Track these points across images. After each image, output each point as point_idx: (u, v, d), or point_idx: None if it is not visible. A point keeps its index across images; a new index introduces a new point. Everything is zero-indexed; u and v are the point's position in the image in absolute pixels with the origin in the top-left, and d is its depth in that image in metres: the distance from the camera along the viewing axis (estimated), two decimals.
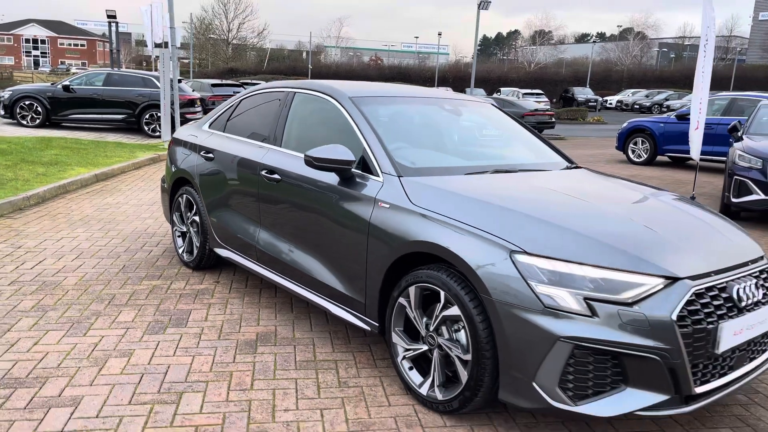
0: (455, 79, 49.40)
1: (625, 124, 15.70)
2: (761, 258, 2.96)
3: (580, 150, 18.43)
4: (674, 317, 2.42)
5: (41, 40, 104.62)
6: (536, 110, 23.81)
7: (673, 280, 2.51)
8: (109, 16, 20.18)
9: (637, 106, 44.36)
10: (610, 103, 48.80)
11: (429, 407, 2.93)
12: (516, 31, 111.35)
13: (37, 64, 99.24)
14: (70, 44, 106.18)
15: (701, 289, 2.53)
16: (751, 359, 2.83)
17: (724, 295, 2.61)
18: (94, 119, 15.69)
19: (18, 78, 52.83)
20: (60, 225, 6.18)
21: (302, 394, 3.03)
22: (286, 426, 2.74)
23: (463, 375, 2.74)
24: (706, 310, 2.52)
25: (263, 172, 3.93)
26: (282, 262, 3.84)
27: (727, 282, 2.64)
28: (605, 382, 2.48)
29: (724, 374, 2.67)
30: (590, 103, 44.05)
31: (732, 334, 2.58)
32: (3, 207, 6.60)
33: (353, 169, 3.35)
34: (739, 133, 8.76)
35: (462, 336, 2.75)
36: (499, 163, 3.68)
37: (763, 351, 2.92)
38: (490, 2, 24.40)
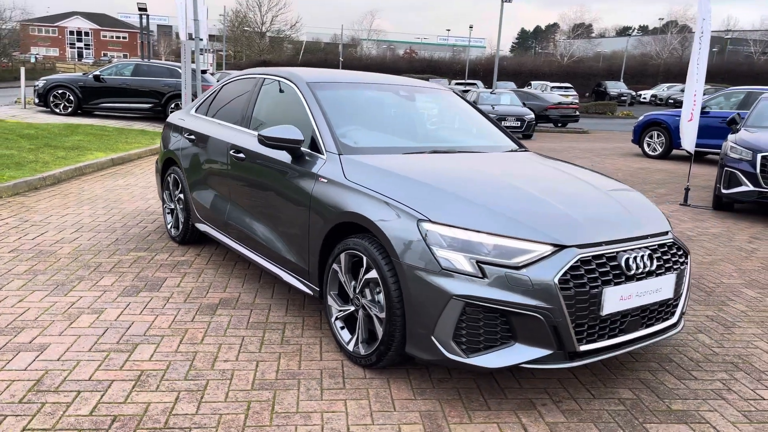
0: (486, 72, 49.24)
1: (641, 117, 15.67)
2: (665, 233, 3.18)
3: (598, 143, 18.41)
4: (556, 280, 2.68)
5: (85, 33, 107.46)
6: (559, 103, 23.74)
7: (560, 247, 2.77)
8: (140, 9, 20.86)
9: (671, 101, 43.53)
10: (644, 98, 48.04)
11: (354, 362, 3.24)
12: (555, 24, 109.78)
13: (80, 55, 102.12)
14: (112, 36, 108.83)
15: (588, 256, 2.78)
16: (648, 325, 3.06)
17: (613, 263, 2.84)
18: (123, 108, 16.37)
19: (61, 69, 54.57)
20: (68, 203, 6.65)
21: (245, 349, 3.37)
22: (222, 373, 3.09)
23: (380, 332, 3.04)
24: (590, 276, 2.76)
25: (231, 152, 4.28)
26: (246, 234, 4.19)
27: (617, 252, 2.87)
28: (496, 338, 2.76)
29: (614, 336, 2.91)
30: (622, 98, 43.45)
31: (618, 298, 2.82)
32: (19, 186, 7.12)
33: (302, 148, 3.67)
34: (738, 126, 8.79)
35: (379, 297, 3.05)
36: (440, 144, 3.96)
37: (664, 319, 3.14)
38: None
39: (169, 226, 5.46)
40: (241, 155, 4.17)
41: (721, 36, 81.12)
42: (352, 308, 3.26)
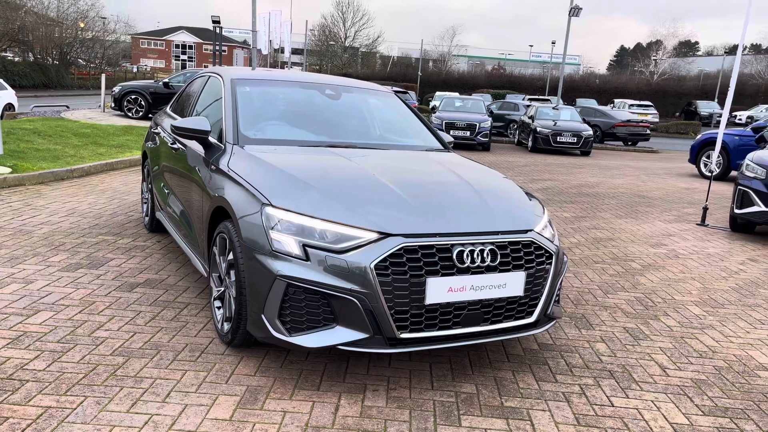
0: (569, 89, 48.06)
1: (699, 136, 14.92)
2: (524, 231, 3.14)
3: (659, 163, 17.67)
4: (372, 266, 2.74)
5: (189, 46, 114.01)
6: (629, 121, 22.91)
7: (385, 235, 2.83)
8: (214, 22, 22.04)
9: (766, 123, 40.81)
10: (740, 119, 45.26)
11: (221, 339, 3.41)
12: (658, 41, 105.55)
13: (184, 67, 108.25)
14: (212, 50, 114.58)
15: (413, 245, 2.82)
16: (493, 322, 3.04)
17: (444, 254, 2.87)
18: None
19: (160, 79, 58.21)
20: (79, 193, 7.22)
21: (132, 322, 3.62)
22: (93, 340, 3.33)
23: (233, 311, 3.20)
24: (412, 264, 2.80)
25: (170, 143, 4.58)
26: (176, 220, 4.46)
27: (451, 244, 2.89)
28: (318, 319, 2.85)
29: (446, 328, 2.92)
30: (716, 118, 41.13)
31: (445, 290, 2.84)
32: (45, 176, 7.79)
33: (210, 138, 3.89)
34: (766, 144, 8.28)
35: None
36: (342, 140, 4.06)
37: (515, 317, 3.11)
38: (581, 9, 23.77)
39: (143, 215, 5.85)
40: (176, 146, 4.46)
41: None
42: (223, 289, 3.44)
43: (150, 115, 17.29)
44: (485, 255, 2.94)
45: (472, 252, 2.91)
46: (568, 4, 24.31)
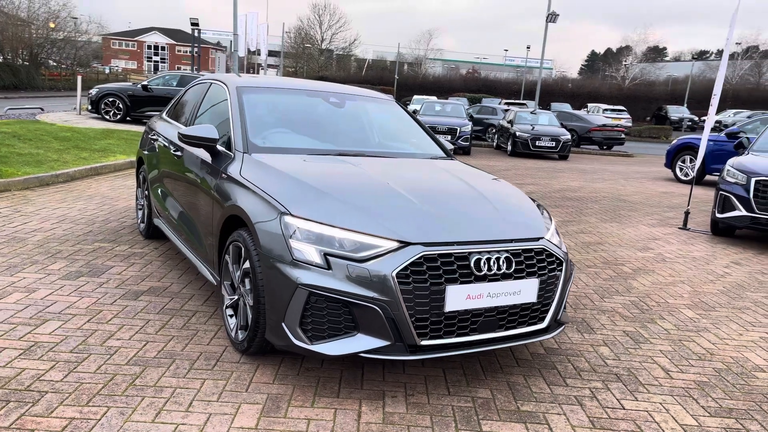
0: (543, 93, 48.66)
1: (674, 141, 15.27)
2: (536, 239, 3.22)
3: (635, 167, 18.01)
4: (393, 274, 2.79)
5: (161, 47, 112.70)
6: (604, 125, 23.33)
7: (405, 244, 2.88)
8: (192, 24, 21.86)
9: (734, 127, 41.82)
10: None
11: (235, 347, 3.42)
12: (627, 47, 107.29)
13: (156, 68, 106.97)
14: (186, 51, 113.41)
15: (433, 254, 2.87)
16: (508, 327, 3.11)
17: (462, 262, 2.93)
18: None
19: (133, 80, 57.45)
20: (67, 198, 7.13)
21: (143, 331, 3.61)
22: (107, 349, 3.32)
23: (250, 319, 3.21)
24: (432, 273, 2.86)
25: (172, 149, 4.58)
26: (179, 227, 4.45)
27: (468, 252, 2.95)
28: (340, 327, 2.88)
29: (464, 334, 2.98)
30: (684, 123, 42.07)
31: (464, 297, 2.90)
32: (30, 181, 7.67)
33: (218, 147, 3.90)
34: (746, 150, 8.52)
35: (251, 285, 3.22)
36: (351, 149, 4.10)
37: (528, 323, 3.18)
38: (558, 15, 24.15)
39: (138, 222, 5.81)
40: (179, 153, 4.45)
41: None
42: (237, 297, 3.45)
43: (128, 118, 17.11)
44: (501, 263, 3.01)
45: (488, 260, 2.98)
46: (543, 11, 24.66)
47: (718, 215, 7.64)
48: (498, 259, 3.01)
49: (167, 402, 2.83)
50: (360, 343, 2.86)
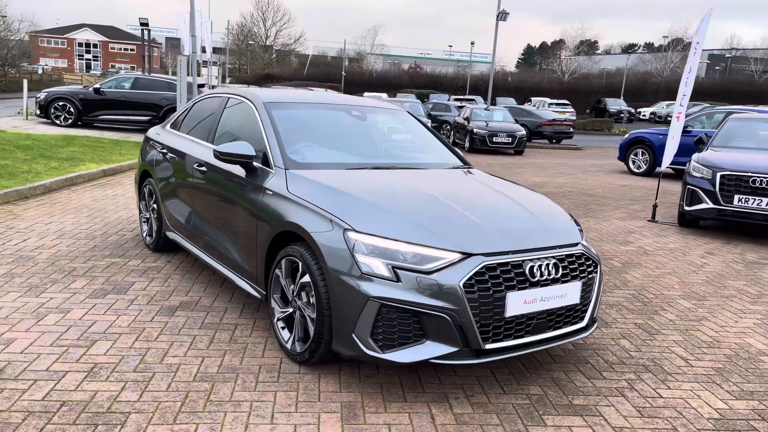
0: (486, 87, 49.68)
1: (626, 136, 16.00)
2: (574, 244, 3.49)
3: (588, 160, 18.73)
4: (461, 284, 2.99)
5: (93, 44, 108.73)
6: (553, 120, 24.12)
7: (467, 255, 3.08)
8: (141, 24, 21.36)
9: (670, 119, 43.82)
10: (644, 115, 48.34)
11: (292, 359, 3.55)
12: (561, 41, 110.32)
13: (89, 67, 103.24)
14: (120, 48, 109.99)
15: (493, 263, 3.09)
16: (555, 328, 3.36)
17: (518, 270, 3.16)
18: (122, 120, 16.82)
19: (67, 80, 55.39)
20: (54, 212, 7.00)
21: (194, 347, 3.69)
22: (168, 367, 3.40)
23: (312, 331, 3.35)
24: (494, 281, 3.07)
25: (195, 165, 4.63)
26: (206, 242, 4.52)
27: (522, 260, 3.18)
28: (409, 336, 3.06)
29: (520, 336, 3.22)
30: (621, 115, 43.79)
31: (521, 302, 3.13)
32: (9, 195, 7.47)
33: (254, 163, 4.00)
34: (705, 146, 9.10)
35: (312, 299, 3.36)
36: (382, 161, 4.29)
37: (572, 322, 3.45)
38: (508, 14, 24.82)
39: (144, 234, 5.80)
40: (204, 168, 4.51)
41: (723, 54, 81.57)
42: (291, 310, 3.58)
43: (79, 123, 16.61)
44: (551, 268, 3.25)
45: (540, 266, 3.22)
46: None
47: (687, 208, 8.16)
48: (548, 265, 3.25)
49: (250, 416, 2.94)
50: (430, 349, 3.05)
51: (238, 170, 4.10)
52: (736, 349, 4.18)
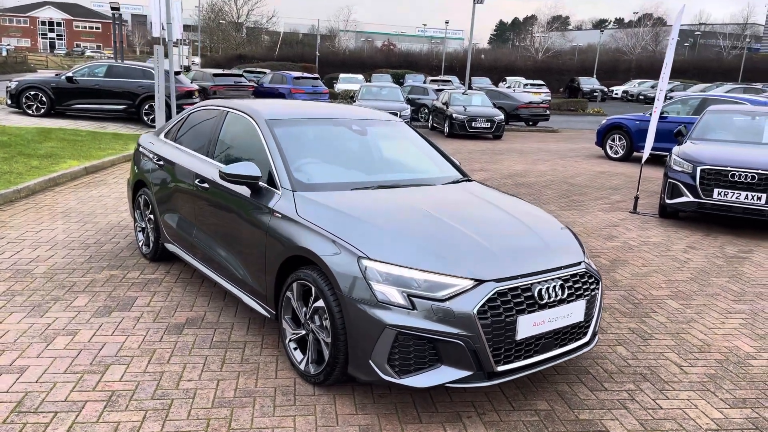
0: (462, 67, 49.68)
1: (604, 121, 16.23)
2: (578, 263, 3.61)
3: (565, 144, 18.96)
4: (475, 311, 3.10)
5: (57, 23, 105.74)
6: (530, 102, 24.28)
7: (480, 282, 3.19)
8: (112, 8, 20.87)
9: (642, 97, 44.45)
10: (616, 94, 48.90)
11: (305, 380, 3.63)
12: (533, 16, 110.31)
13: (53, 46, 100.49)
14: (85, 27, 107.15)
15: (504, 289, 3.20)
16: (561, 345, 3.50)
17: (527, 293, 3.27)
18: (96, 109, 16.51)
19: (32, 61, 53.88)
20: (43, 217, 6.93)
21: (207, 368, 3.75)
22: (185, 392, 3.46)
23: (326, 354, 3.44)
24: (505, 306, 3.19)
25: (197, 181, 4.64)
26: (210, 256, 4.55)
27: (531, 283, 3.30)
28: (424, 361, 3.17)
29: (529, 356, 3.35)
30: (594, 94, 44.21)
31: (531, 325, 3.26)
32: None
33: (260, 183, 4.04)
34: (684, 138, 9.32)
35: (326, 323, 3.44)
36: (386, 179, 4.35)
37: (576, 339, 3.59)
38: None
39: (140, 244, 5.79)
40: (206, 185, 4.53)
41: (693, 30, 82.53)
42: (304, 332, 3.66)
43: (52, 112, 16.28)
44: (557, 290, 3.38)
45: (547, 289, 3.34)
46: None
47: (668, 201, 8.39)
48: (554, 287, 3.37)
49: None
50: (445, 374, 3.16)
51: (243, 189, 4.13)
52: (725, 353, 4.37)
